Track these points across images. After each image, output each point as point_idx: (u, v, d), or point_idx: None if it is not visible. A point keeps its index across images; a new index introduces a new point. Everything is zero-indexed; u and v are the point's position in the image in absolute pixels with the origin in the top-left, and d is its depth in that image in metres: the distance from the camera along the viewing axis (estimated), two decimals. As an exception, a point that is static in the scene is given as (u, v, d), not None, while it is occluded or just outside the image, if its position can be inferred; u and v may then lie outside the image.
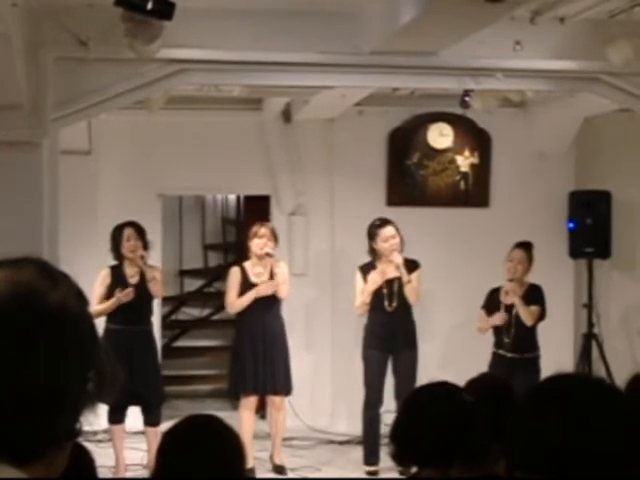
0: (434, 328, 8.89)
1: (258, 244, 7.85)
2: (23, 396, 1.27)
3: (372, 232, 7.88)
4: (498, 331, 7.68)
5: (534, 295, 7.61)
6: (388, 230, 7.82)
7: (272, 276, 7.86)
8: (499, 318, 7.58)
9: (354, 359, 8.05)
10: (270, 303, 7.85)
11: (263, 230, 7.89)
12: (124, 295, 7.45)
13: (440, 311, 9.00)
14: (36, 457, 1.30)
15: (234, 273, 7.96)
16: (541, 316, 7.61)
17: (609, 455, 1.81)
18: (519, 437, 1.88)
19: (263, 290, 7.80)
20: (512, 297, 7.55)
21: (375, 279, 7.80)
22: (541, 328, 7.73)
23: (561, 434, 1.81)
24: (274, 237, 7.91)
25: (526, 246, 7.71)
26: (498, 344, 7.67)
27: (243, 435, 7.38)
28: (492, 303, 7.73)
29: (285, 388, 7.95)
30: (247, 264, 7.95)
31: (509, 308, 7.64)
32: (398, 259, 7.74)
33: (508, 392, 3.46)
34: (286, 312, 8.09)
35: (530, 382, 6.74)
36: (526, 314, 7.53)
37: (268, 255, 7.82)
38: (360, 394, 7.94)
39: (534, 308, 7.57)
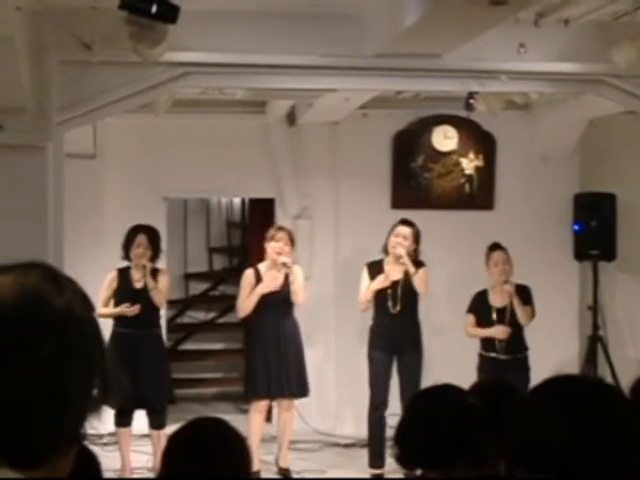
0: (439, 330, 8.87)
1: (275, 248, 7.79)
2: (27, 401, 1.27)
3: (392, 228, 7.89)
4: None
5: (525, 295, 7.68)
6: (402, 229, 7.83)
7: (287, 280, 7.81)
8: (503, 332, 7.58)
9: (359, 362, 8.04)
10: (282, 306, 7.82)
11: (280, 234, 7.83)
12: (130, 310, 7.48)
13: (445, 313, 8.98)
14: (39, 462, 1.29)
15: (247, 276, 7.91)
16: (532, 315, 7.70)
17: (610, 455, 1.81)
18: (521, 437, 1.88)
19: (265, 287, 7.75)
20: (514, 298, 7.58)
21: (381, 280, 7.81)
22: (546, 330, 7.73)
23: (563, 434, 1.81)
24: (291, 241, 7.85)
25: (502, 247, 7.75)
26: (489, 347, 7.66)
27: (251, 438, 7.39)
28: (481, 307, 7.74)
29: (299, 391, 7.94)
30: (261, 266, 7.91)
31: (501, 311, 7.66)
32: (400, 251, 7.74)
33: (512, 395, 3.46)
34: (291, 315, 8.09)
35: (523, 382, 6.81)
36: (524, 314, 7.63)
37: (285, 265, 7.76)
38: (365, 396, 7.93)
39: (528, 308, 7.66)
